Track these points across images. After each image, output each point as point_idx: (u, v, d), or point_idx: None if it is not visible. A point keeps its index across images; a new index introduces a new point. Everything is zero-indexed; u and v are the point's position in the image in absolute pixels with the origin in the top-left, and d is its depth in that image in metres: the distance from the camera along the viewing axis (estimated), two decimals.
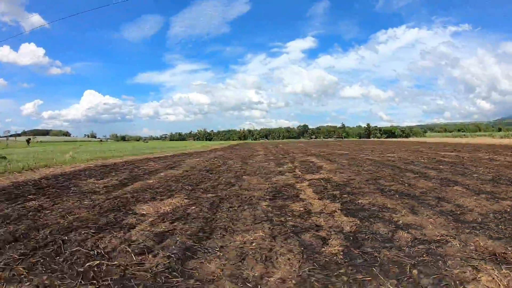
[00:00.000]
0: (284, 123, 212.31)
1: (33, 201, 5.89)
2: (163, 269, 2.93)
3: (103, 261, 3.11)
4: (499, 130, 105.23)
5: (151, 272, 2.87)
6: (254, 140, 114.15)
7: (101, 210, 5.15)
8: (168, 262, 3.06)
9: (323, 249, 3.27)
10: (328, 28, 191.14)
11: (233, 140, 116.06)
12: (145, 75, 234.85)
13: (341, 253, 3.14)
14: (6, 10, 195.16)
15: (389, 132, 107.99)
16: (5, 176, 9.41)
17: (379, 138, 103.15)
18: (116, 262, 3.10)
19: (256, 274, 2.71)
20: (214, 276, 2.70)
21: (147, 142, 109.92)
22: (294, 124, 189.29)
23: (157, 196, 6.31)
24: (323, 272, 2.75)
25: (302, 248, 3.28)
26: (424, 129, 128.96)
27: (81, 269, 2.93)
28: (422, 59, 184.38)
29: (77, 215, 4.77)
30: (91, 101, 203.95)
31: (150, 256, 3.25)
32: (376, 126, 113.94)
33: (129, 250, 3.41)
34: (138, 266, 3.02)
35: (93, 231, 4.01)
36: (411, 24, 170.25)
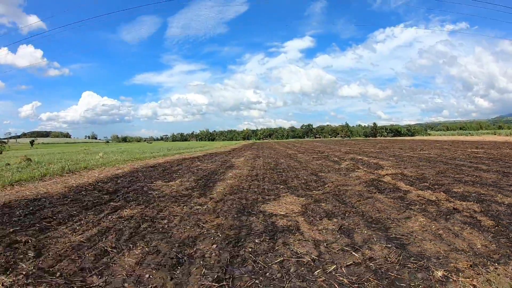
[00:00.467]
0: (282, 123, 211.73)
1: (125, 210, 4.77)
2: (399, 260, 2.80)
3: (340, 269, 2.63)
4: (500, 127, 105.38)
5: (402, 264, 2.71)
6: (258, 139, 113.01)
7: (229, 214, 4.44)
8: (397, 253, 2.94)
9: (483, 223, 3.71)
10: (326, 27, 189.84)
11: (237, 140, 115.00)
12: (143, 76, 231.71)
13: (498, 224, 3.65)
14: (4, 12, 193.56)
15: (395, 131, 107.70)
16: (51, 180, 8.21)
17: (385, 137, 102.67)
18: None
19: (466, 246, 3.04)
20: (442, 254, 2.89)
21: (150, 143, 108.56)
22: (292, 123, 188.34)
23: (264, 196, 5.75)
24: (508, 237, 3.23)
25: (470, 226, 3.64)
26: (424, 128, 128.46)
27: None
28: (420, 57, 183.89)
29: (213, 222, 4.01)
30: (89, 102, 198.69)
31: (369, 251, 3.01)
32: (376, 125, 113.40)
33: (353, 254, 2.95)
34: (394, 263, 2.75)
35: (268, 237, 3.42)
36: (409, 23, 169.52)
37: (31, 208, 4.90)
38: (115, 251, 3.07)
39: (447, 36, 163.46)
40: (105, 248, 3.14)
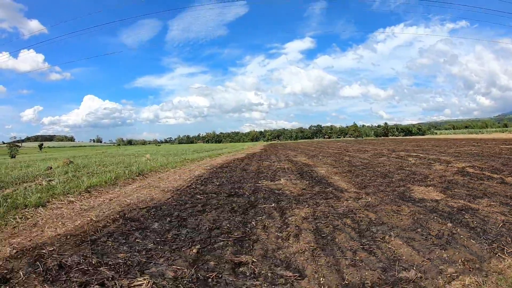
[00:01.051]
0: (284, 124, 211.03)
1: (294, 210, 4.84)
2: None
3: None
4: (505, 125, 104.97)
5: None
6: (267, 141, 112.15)
7: (399, 204, 4.64)
8: None
9: None
10: (326, 28, 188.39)
11: (244, 142, 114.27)
12: (144, 79, 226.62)
13: None
14: (5, 17, 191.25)
15: (406, 130, 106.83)
16: (130, 185, 7.63)
17: (396, 136, 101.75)
18: None
19: None
20: None
21: (159, 145, 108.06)
22: (294, 124, 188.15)
23: (395, 187, 6.01)
24: None
25: None
26: (428, 127, 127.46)
27: None
28: (420, 57, 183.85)
29: (407, 211, 4.24)
30: (91, 106, 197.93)
31: None
32: (387, 125, 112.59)
33: None
34: None
35: (468, 215, 3.86)
36: (409, 22, 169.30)
37: (167, 219, 4.15)
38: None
39: (447, 35, 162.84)
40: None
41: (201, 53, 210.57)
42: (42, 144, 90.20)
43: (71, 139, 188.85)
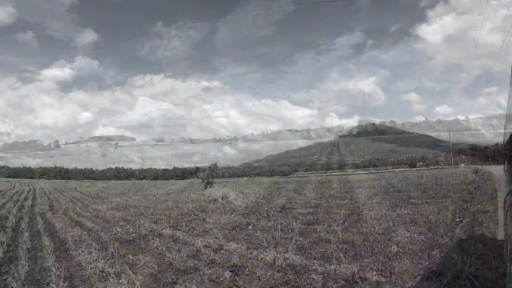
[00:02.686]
0: (336, 122, 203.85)
1: None
2: None
3: None
4: None
5: None
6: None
7: None
8: None
9: None
10: (375, 21, 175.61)
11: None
12: (195, 79, 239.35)
13: None
14: (60, 27, 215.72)
15: None
16: None
17: None
18: None
19: None
20: None
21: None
22: (348, 122, 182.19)
23: None
24: None
25: None
26: None
27: None
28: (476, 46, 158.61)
29: None
30: (145, 107, 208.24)
31: None
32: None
33: None
34: None
35: None
36: (460, 10, 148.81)
37: None
38: None
39: (501, 23, 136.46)
40: None
41: (251, 53, 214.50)
42: (117, 143, 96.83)
43: (133, 139, 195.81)
